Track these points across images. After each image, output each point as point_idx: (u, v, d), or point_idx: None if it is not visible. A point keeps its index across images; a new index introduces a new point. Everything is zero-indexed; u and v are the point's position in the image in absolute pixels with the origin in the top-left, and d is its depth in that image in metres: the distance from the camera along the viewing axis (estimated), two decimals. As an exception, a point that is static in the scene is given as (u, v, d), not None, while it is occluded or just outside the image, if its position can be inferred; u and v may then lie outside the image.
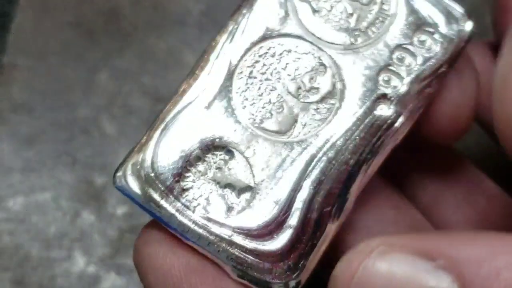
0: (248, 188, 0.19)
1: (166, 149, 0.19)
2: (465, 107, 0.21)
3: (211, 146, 0.20)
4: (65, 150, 0.31)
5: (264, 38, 0.20)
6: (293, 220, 0.19)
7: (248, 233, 0.19)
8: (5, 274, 0.29)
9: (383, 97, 0.20)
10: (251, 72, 0.20)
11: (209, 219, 0.19)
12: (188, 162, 0.19)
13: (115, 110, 0.32)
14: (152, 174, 0.19)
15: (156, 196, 0.19)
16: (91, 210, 0.30)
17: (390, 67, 0.20)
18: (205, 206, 0.19)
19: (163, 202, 0.19)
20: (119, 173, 0.19)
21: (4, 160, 0.31)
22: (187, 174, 0.19)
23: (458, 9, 0.20)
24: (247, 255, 0.19)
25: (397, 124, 0.20)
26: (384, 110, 0.20)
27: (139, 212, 0.31)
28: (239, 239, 0.19)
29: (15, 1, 0.34)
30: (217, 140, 0.20)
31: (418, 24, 0.20)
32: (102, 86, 0.32)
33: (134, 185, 0.19)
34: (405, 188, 0.23)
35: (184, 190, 0.19)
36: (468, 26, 0.20)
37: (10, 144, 0.31)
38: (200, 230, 0.19)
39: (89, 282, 0.29)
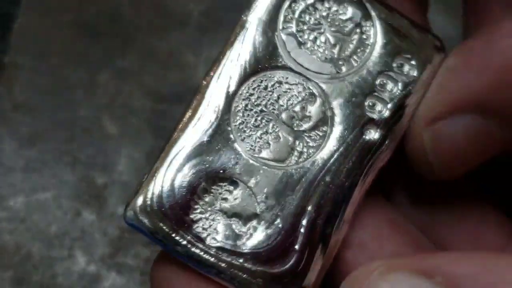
0: (254, 216, 0.20)
1: (173, 184, 0.20)
2: None
3: (216, 178, 0.21)
4: (66, 149, 0.31)
5: (255, 71, 0.21)
6: (298, 243, 0.20)
7: (258, 259, 0.20)
8: (6, 273, 0.29)
9: (370, 121, 0.21)
10: (246, 105, 0.21)
11: (220, 248, 0.20)
12: (195, 195, 0.20)
13: (116, 110, 0.32)
14: (162, 209, 0.20)
15: (167, 229, 0.20)
16: (91, 210, 0.30)
17: (375, 93, 0.21)
18: (214, 236, 0.20)
19: (174, 235, 0.20)
20: (129, 210, 0.20)
21: (5, 160, 0.31)
22: (195, 206, 0.20)
23: (430, 34, 0.22)
24: (258, 280, 0.20)
25: (384, 147, 0.21)
26: (372, 134, 0.21)
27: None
28: (249, 265, 0.20)
29: (17, 2, 0.34)
30: (221, 172, 0.20)
31: (396, 51, 0.21)
32: (103, 86, 0.33)
33: (145, 220, 0.20)
34: (401, 204, 0.24)
35: (193, 221, 0.20)
36: (440, 48, 0.22)
37: (12, 144, 0.31)
38: (212, 259, 0.20)
39: (90, 281, 0.29)
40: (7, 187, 0.30)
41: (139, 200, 0.20)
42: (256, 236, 0.20)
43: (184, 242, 0.20)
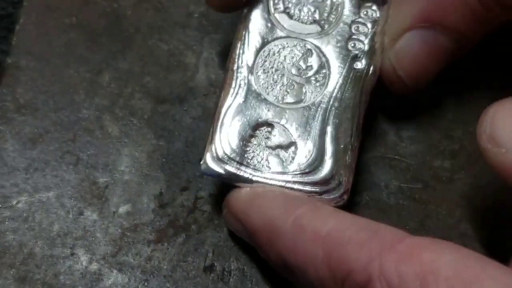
0: (291, 144, 0.29)
1: (228, 137, 0.28)
2: None
3: (257, 125, 0.29)
4: (68, 149, 0.31)
5: (263, 44, 0.30)
6: (328, 154, 0.28)
7: (302, 173, 0.28)
8: (9, 271, 0.29)
9: (355, 57, 0.30)
10: (264, 70, 0.30)
11: (274, 172, 0.28)
12: (245, 141, 0.28)
13: (118, 111, 0.32)
14: (225, 156, 0.28)
15: (232, 169, 0.28)
16: (93, 209, 0.30)
17: (353, 36, 0.30)
18: (268, 165, 0.28)
19: (239, 172, 0.28)
20: (203, 164, 0.28)
21: (8, 160, 0.31)
22: (247, 149, 0.28)
23: None
24: (306, 187, 0.28)
25: (370, 72, 0.29)
26: (359, 65, 0.29)
27: (140, 210, 0.31)
28: (297, 178, 0.28)
29: (19, 3, 0.34)
30: (259, 120, 0.29)
31: (359, 3, 0.30)
32: (105, 87, 0.33)
33: (215, 167, 0.28)
34: None
35: (249, 159, 0.28)
36: None
37: (14, 144, 0.31)
38: (271, 181, 0.28)
39: (92, 280, 0.29)
40: (10, 187, 0.31)
41: (208, 156, 0.28)
42: (297, 157, 0.28)
43: (247, 175, 0.28)
